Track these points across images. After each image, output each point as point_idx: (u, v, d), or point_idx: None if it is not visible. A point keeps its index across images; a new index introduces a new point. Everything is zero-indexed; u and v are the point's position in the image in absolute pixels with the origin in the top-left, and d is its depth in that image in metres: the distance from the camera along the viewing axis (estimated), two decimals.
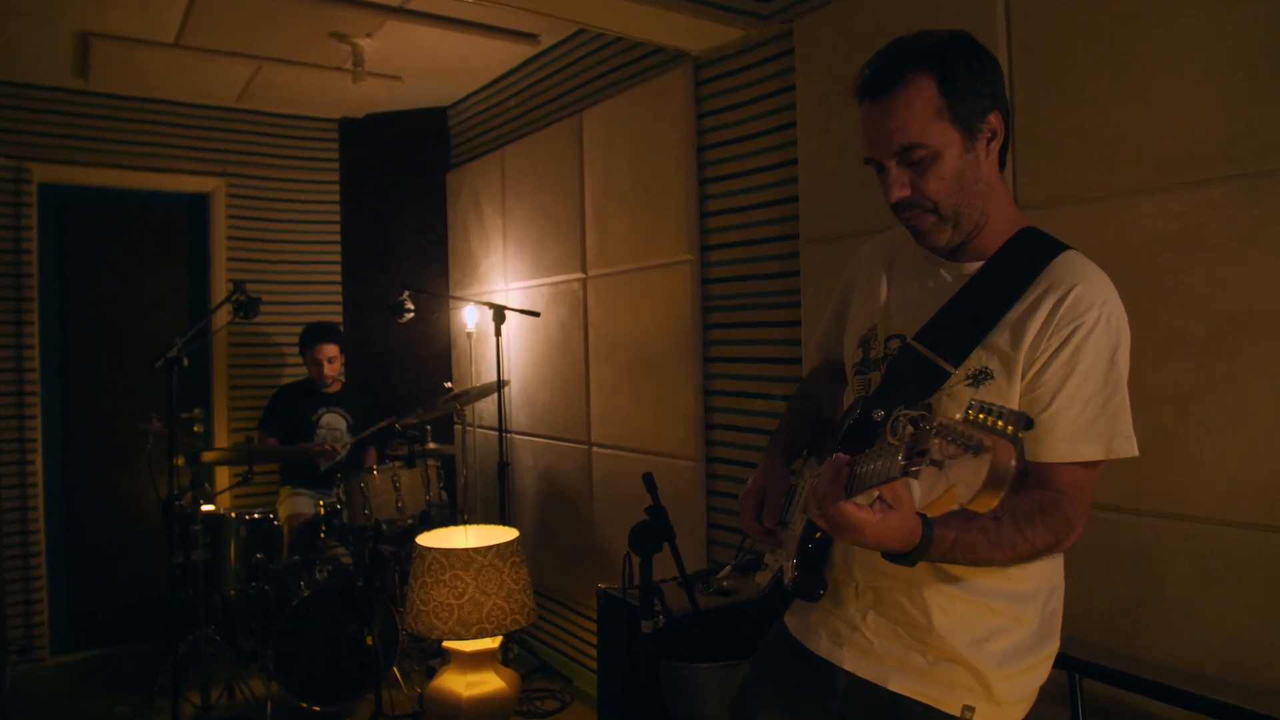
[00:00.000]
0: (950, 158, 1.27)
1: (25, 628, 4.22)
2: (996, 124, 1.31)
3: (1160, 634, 1.94)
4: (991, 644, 1.31)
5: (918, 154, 1.27)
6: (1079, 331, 1.24)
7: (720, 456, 3.14)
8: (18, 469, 4.19)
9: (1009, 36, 2.20)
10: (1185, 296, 1.88)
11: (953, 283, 1.37)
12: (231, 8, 3.37)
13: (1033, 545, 1.23)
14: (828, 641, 1.42)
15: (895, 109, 1.27)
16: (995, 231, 1.35)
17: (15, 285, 4.18)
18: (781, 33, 2.83)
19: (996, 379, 1.28)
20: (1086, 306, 1.24)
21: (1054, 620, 1.38)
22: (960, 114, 1.27)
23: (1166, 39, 1.90)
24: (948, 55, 1.27)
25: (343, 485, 3.70)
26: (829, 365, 1.70)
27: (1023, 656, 1.33)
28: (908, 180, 1.29)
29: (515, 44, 3.87)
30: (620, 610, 2.49)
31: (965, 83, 1.27)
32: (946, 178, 1.28)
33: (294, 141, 4.92)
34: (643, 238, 3.40)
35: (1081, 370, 1.24)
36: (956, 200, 1.30)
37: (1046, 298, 1.26)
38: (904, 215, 1.34)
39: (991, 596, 1.32)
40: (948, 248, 1.35)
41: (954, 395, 1.30)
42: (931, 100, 1.26)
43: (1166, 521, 1.92)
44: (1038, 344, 1.25)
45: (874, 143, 1.31)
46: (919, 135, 1.26)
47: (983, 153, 1.30)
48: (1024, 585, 1.33)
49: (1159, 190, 1.92)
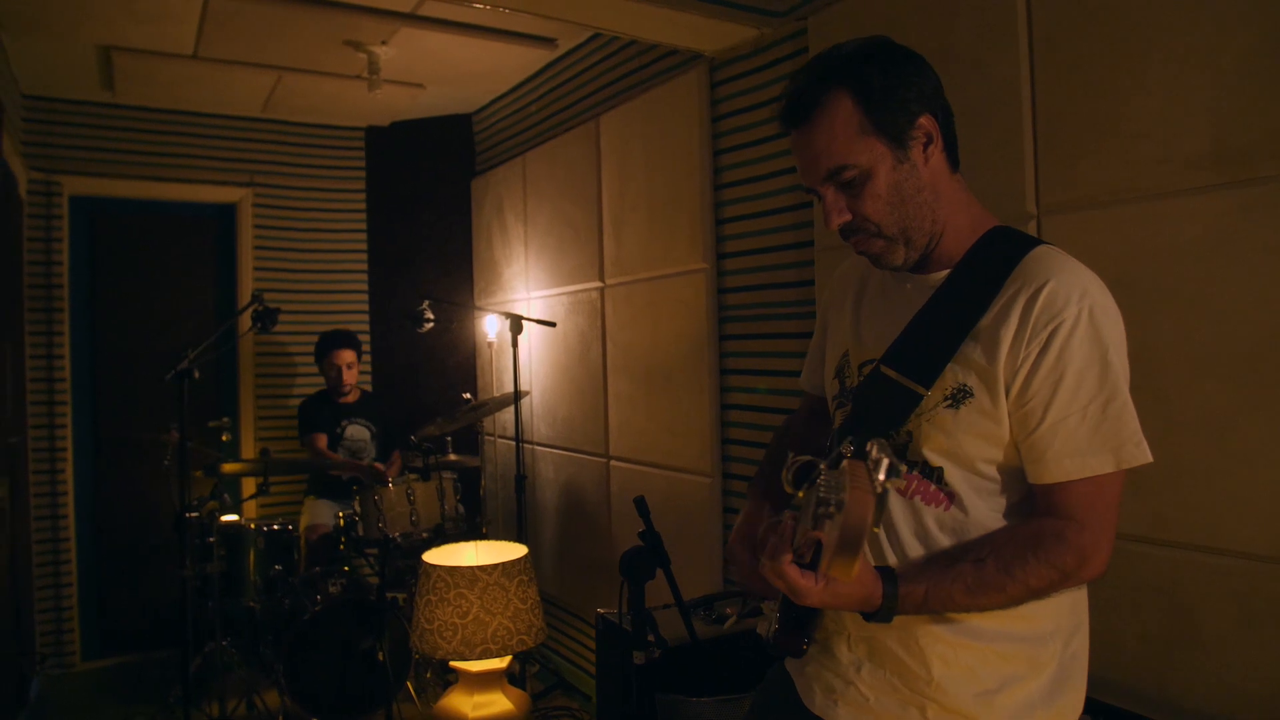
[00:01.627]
0: (883, 173, 1.18)
1: (56, 634, 4.28)
2: (930, 126, 1.20)
3: (1194, 677, 1.78)
4: (1002, 696, 1.18)
5: (847, 175, 1.18)
6: (1060, 331, 1.12)
7: (736, 473, 3.02)
8: (49, 477, 4.25)
9: (1029, 29, 2.05)
10: (1219, 310, 1.72)
11: (917, 296, 1.26)
12: (244, 18, 3.37)
13: (1027, 585, 1.10)
14: (822, 697, 1.30)
15: (817, 132, 1.18)
16: (957, 237, 1.24)
17: (46, 296, 4.24)
18: (796, 31, 2.71)
19: (977, 396, 1.16)
20: (1064, 303, 1.12)
21: (1075, 665, 1.23)
22: (884, 125, 1.17)
23: (1197, 29, 1.74)
24: (861, 67, 1.18)
25: (358, 498, 3.67)
26: (810, 402, 1.59)
27: (1035, 709, 1.19)
28: (845, 204, 1.20)
29: (533, 49, 3.81)
30: (619, 637, 2.39)
31: (884, 91, 1.17)
32: (883, 195, 1.19)
33: (320, 151, 4.93)
34: (659, 245, 3.30)
35: (1072, 374, 1.12)
36: (899, 216, 1.20)
37: (1017, 299, 1.15)
38: (851, 241, 1.25)
39: (1000, 641, 1.18)
40: (907, 266, 1.25)
41: (934, 420, 1.18)
42: (851, 117, 1.17)
43: (1201, 555, 1.76)
44: (1016, 352, 1.13)
45: (804, 170, 1.22)
46: (844, 156, 1.17)
47: (920, 160, 1.20)
48: (1038, 625, 1.19)
49: (1190, 193, 1.76)
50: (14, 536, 3.53)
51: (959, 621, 1.18)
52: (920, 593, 1.07)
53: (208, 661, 3.58)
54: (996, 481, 1.19)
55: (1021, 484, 1.19)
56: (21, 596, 3.77)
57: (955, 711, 1.18)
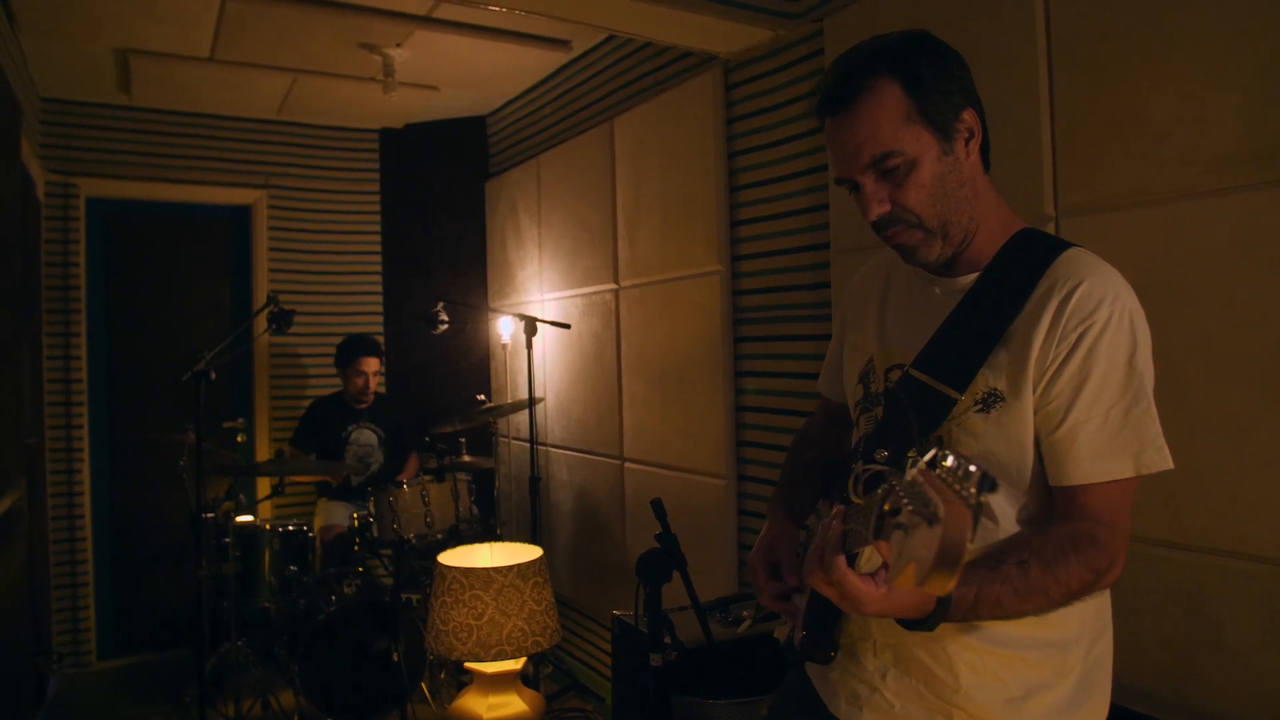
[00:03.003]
0: (928, 163, 1.16)
1: (73, 633, 4.30)
2: (972, 121, 1.19)
3: (1216, 683, 1.76)
4: (1029, 703, 1.17)
5: (892, 163, 1.15)
6: (1089, 334, 1.11)
7: (752, 475, 3.02)
8: (65, 478, 4.27)
9: (1048, 31, 2.04)
10: (1243, 313, 1.71)
11: (946, 299, 1.24)
12: (260, 22, 3.38)
13: (1068, 587, 1.09)
14: (846, 704, 1.29)
15: (861, 119, 1.15)
16: (988, 238, 1.23)
17: (63, 298, 4.27)
18: (811, 32, 2.70)
19: (1008, 400, 1.15)
20: (1095, 305, 1.11)
21: (1099, 670, 1.22)
22: (932, 115, 1.15)
23: (1219, 31, 1.73)
24: (909, 55, 1.16)
25: (373, 499, 3.67)
26: (827, 407, 1.58)
27: (1063, 715, 1.18)
28: (886, 194, 1.18)
29: (548, 51, 3.81)
30: (635, 639, 2.39)
31: (932, 81, 1.15)
32: (927, 185, 1.16)
33: (335, 152, 4.95)
34: (674, 247, 3.30)
35: (1097, 377, 1.11)
36: (941, 209, 1.18)
37: (1049, 301, 1.13)
38: (887, 234, 1.22)
39: (1027, 648, 1.17)
40: (939, 262, 1.23)
41: (965, 425, 1.17)
42: (899, 104, 1.14)
43: (1224, 560, 1.75)
44: (1045, 353, 1.13)
45: (843, 160, 1.19)
46: (891, 143, 1.14)
47: (962, 154, 1.19)
48: (1063, 631, 1.18)
49: (1213, 194, 1.75)
50: (32, 537, 3.55)
51: (986, 629, 1.17)
52: (970, 596, 1.05)
53: (223, 661, 3.60)
54: (1022, 487, 1.18)
55: (1043, 492, 1.18)
56: (39, 597, 3.80)
57: (982, 718, 1.17)
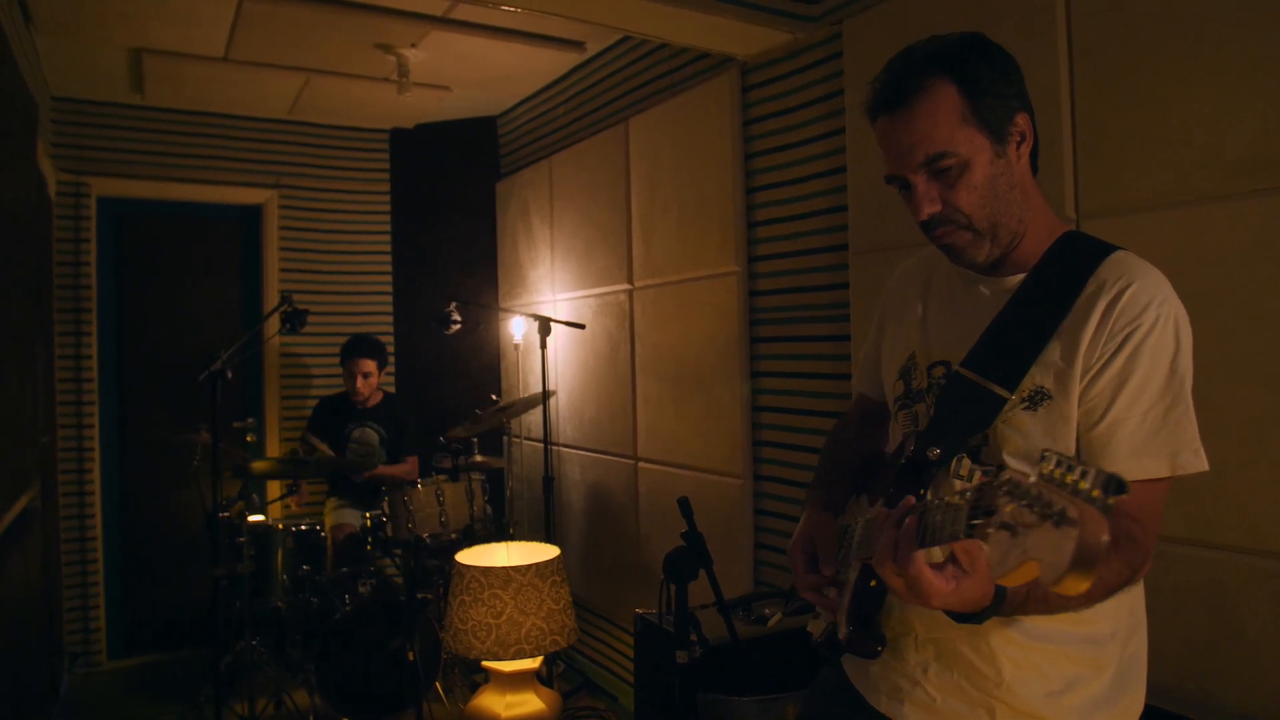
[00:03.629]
0: (981, 165, 1.17)
1: (83, 633, 4.31)
2: (1025, 125, 1.21)
3: (1237, 678, 1.79)
4: (1068, 697, 1.19)
5: (945, 163, 1.17)
6: (1136, 334, 1.13)
7: (768, 474, 3.04)
8: (76, 477, 4.28)
9: (1069, 36, 2.07)
10: (1262, 315, 1.73)
11: (994, 299, 1.26)
12: (276, 21, 3.39)
13: (1109, 584, 1.10)
14: (888, 699, 1.31)
15: (917, 118, 1.17)
16: (1035, 240, 1.24)
17: (74, 297, 4.27)
18: (830, 35, 2.73)
19: (1054, 398, 1.16)
20: (1143, 306, 1.13)
21: (1135, 666, 1.25)
22: (986, 118, 1.17)
23: (1239, 35, 1.75)
24: (967, 57, 1.17)
25: (387, 499, 3.68)
26: (864, 404, 1.60)
27: (1100, 709, 1.20)
28: (937, 194, 1.19)
29: (561, 52, 3.83)
30: (658, 637, 2.41)
31: (988, 84, 1.17)
32: (979, 187, 1.18)
33: (345, 152, 4.96)
34: (689, 248, 3.32)
35: (1139, 377, 1.13)
36: (991, 211, 1.19)
37: (1098, 301, 1.15)
38: (936, 233, 1.23)
39: (1067, 643, 1.20)
40: (987, 263, 1.24)
41: (1011, 422, 1.19)
42: (955, 105, 1.16)
43: (1245, 558, 1.77)
44: (1092, 352, 1.14)
45: (896, 158, 1.20)
46: (945, 143, 1.16)
47: (1014, 157, 1.20)
48: (1100, 627, 1.21)
49: (1232, 198, 1.78)
50: (45, 536, 3.56)
51: (1028, 624, 1.19)
52: (1023, 591, 1.06)
53: (237, 660, 3.60)
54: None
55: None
56: (52, 596, 3.80)
57: (1024, 713, 1.19)
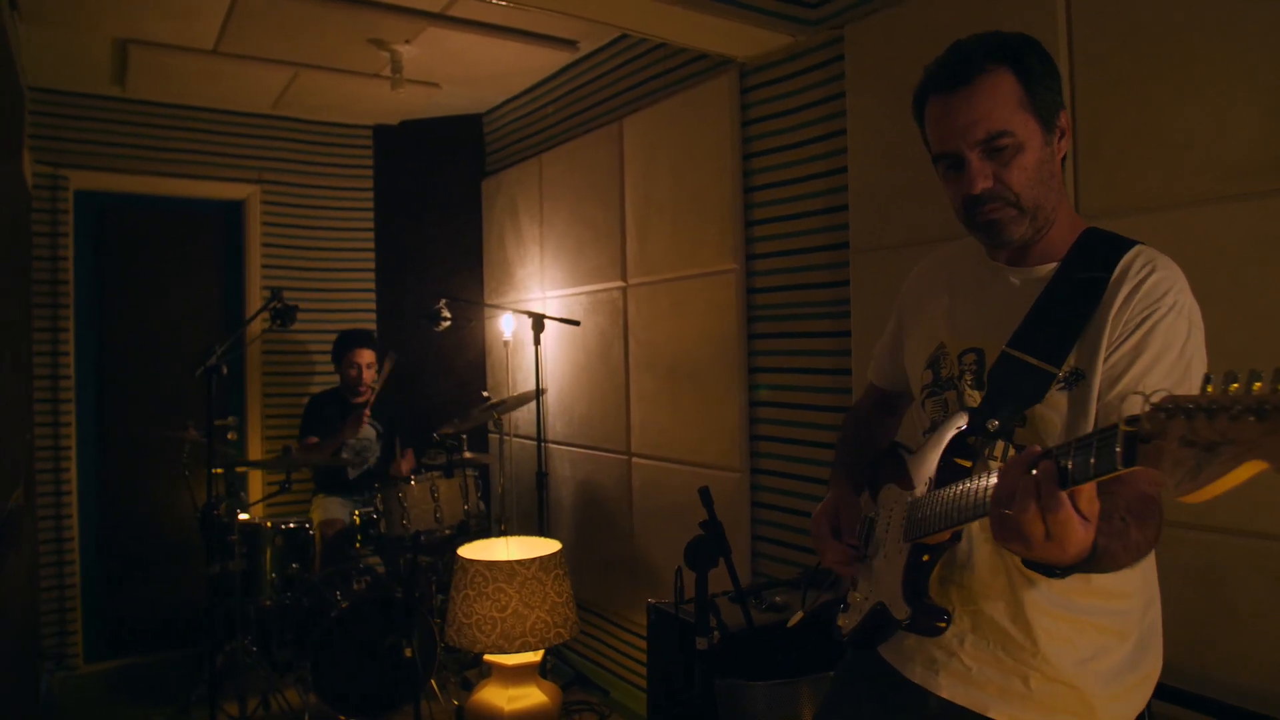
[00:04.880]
0: (1033, 149, 1.26)
1: (59, 635, 4.22)
2: (1065, 122, 1.30)
3: (1231, 654, 1.88)
4: (1097, 663, 1.27)
5: (1003, 142, 1.24)
6: (1153, 316, 1.21)
7: (765, 468, 3.10)
8: (53, 476, 4.19)
9: (1070, 42, 2.16)
10: (1257, 312, 1.82)
11: (1024, 287, 1.33)
12: (271, 15, 3.37)
13: (1149, 541, 1.16)
14: (923, 669, 1.37)
15: (978, 97, 1.24)
16: (1061, 232, 1.33)
17: (52, 292, 4.19)
18: (831, 39, 2.80)
19: (1086, 378, 1.24)
20: (1162, 293, 1.22)
21: (1153, 633, 1.33)
22: (1040, 107, 1.26)
23: (1235, 43, 1.85)
24: (1023, 50, 1.26)
25: (380, 495, 3.68)
26: (877, 394, 1.69)
27: (1124, 676, 1.28)
28: (991, 171, 1.26)
29: (553, 50, 3.85)
30: (671, 626, 2.45)
31: (1042, 77, 1.26)
32: (1030, 168, 1.26)
33: (328, 148, 4.93)
34: (686, 246, 3.37)
35: (1151, 353, 1.20)
36: (1037, 193, 1.27)
37: (1122, 288, 1.24)
38: (983, 209, 1.28)
39: (1094, 614, 1.28)
40: (1020, 243, 1.32)
41: (1050, 402, 1.26)
42: (1015, 90, 1.24)
43: (1240, 539, 1.87)
44: (1114, 331, 1.23)
45: (952, 134, 1.27)
46: (1005, 123, 1.23)
47: (1057, 149, 1.30)
48: (1125, 601, 1.29)
49: (1228, 200, 1.87)
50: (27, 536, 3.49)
51: (1062, 596, 1.26)
52: (1103, 543, 1.07)
53: (229, 660, 3.57)
54: None
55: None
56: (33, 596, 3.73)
57: (1057, 680, 1.26)
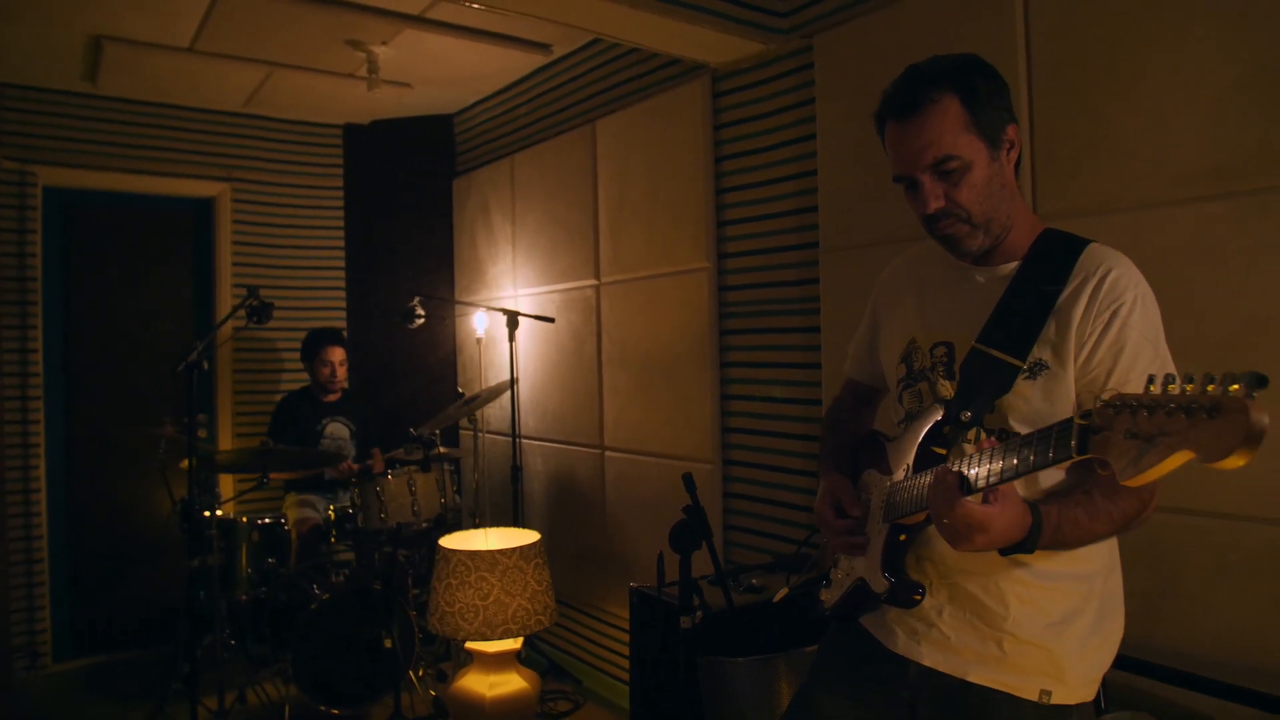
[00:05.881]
0: (979, 167, 1.37)
1: (28, 634, 4.19)
2: (1014, 136, 1.41)
3: (1176, 624, 2.03)
4: (1064, 626, 1.39)
5: (950, 165, 1.35)
6: (1120, 311, 1.32)
7: (737, 459, 3.22)
8: (21, 473, 4.16)
9: (1028, 57, 2.30)
10: (1200, 306, 1.98)
11: (989, 285, 1.45)
12: (250, 13, 3.41)
13: (1125, 513, 1.29)
14: (905, 639, 1.48)
15: (926, 126, 1.35)
16: (1020, 234, 1.44)
17: (20, 289, 4.16)
18: (801, 48, 2.92)
19: (1051, 368, 1.35)
20: (1124, 288, 1.34)
21: (1114, 600, 1.46)
22: (985, 127, 1.36)
23: (1180, 61, 2.01)
24: (969, 74, 1.37)
25: (356, 490, 3.72)
26: (854, 388, 1.80)
27: (1090, 636, 1.41)
28: (942, 192, 1.37)
29: (527, 53, 3.93)
30: (654, 608, 2.55)
31: (986, 98, 1.37)
32: (978, 186, 1.37)
33: (298, 147, 4.95)
34: (659, 246, 3.47)
35: (1131, 346, 1.32)
36: (987, 207, 1.39)
37: (1085, 285, 1.35)
38: (939, 225, 1.41)
39: (1062, 580, 1.39)
40: (979, 252, 1.44)
41: (1017, 390, 1.37)
42: (959, 116, 1.35)
43: (1182, 517, 2.01)
44: (1083, 327, 1.34)
45: (906, 159, 1.39)
46: (951, 148, 1.35)
47: (1005, 162, 1.40)
48: (1087, 566, 1.41)
49: (1173, 204, 2.03)
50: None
51: (1030, 565, 1.38)
52: (1055, 516, 1.25)
53: (208, 654, 3.58)
54: None
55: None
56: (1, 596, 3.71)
57: (1029, 642, 1.39)
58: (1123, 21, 2.11)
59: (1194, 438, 0.92)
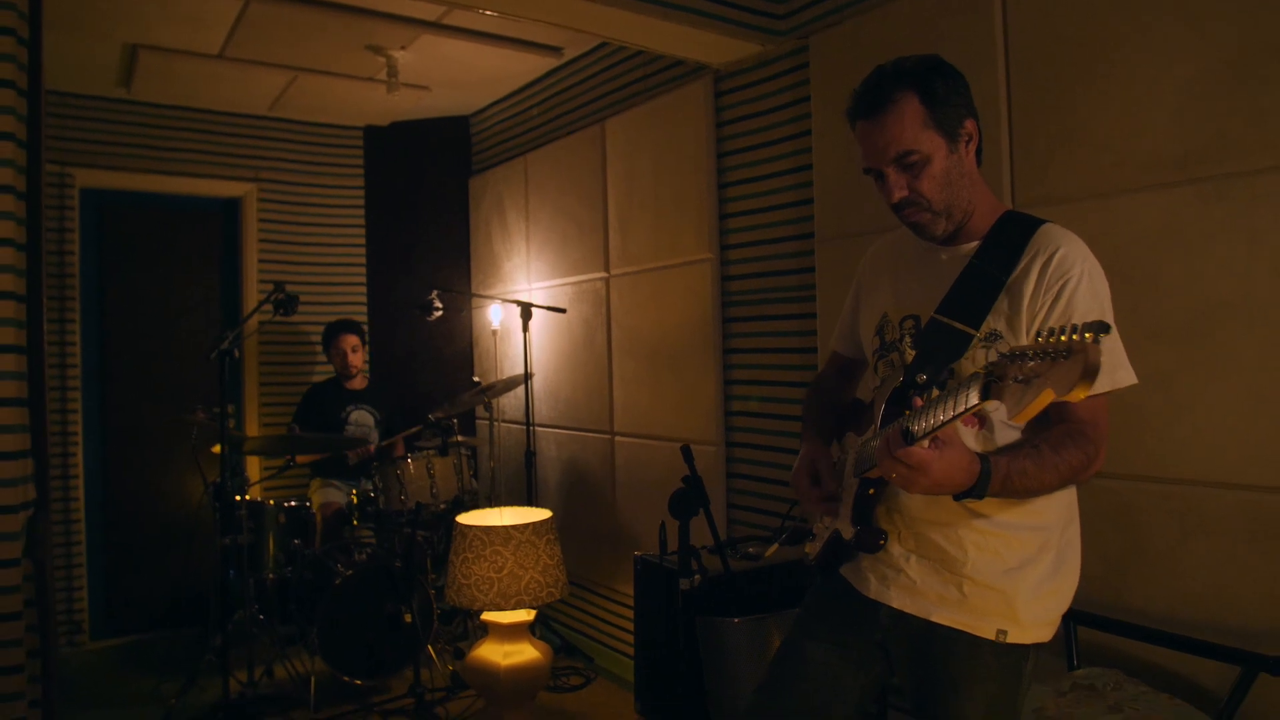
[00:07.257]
0: (938, 160, 1.51)
1: (67, 613, 4.40)
2: (972, 129, 1.55)
3: (1143, 585, 2.16)
4: (1020, 572, 1.52)
5: (911, 159, 1.50)
6: (1068, 285, 1.45)
7: (739, 441, 3.37)
8: (60, 461, 4.37)
9: (1006, 53, 2.44)
10: (1165, 287, 2.11)
11: (951, 263, 1.59)
12: (276, 22, 3.60)
13: (1071, 464, 1.41)
14: (876, 584, 1.63)
15: (888, 124, 1.50)
16: (982, 217, 1.59)
17: (59, 286, 4.37)
18: (797, 48, 3.08)
19: (1004, 338, 1.49)
20: (1071, 264, 1.47)
21: (1070, 551, 1.58)
22: (942, 123, 1.51)
23: (1146, 58, 2.14)
24: (928, 75, 1.51)
25: (378, 474, 3.91)
26: (839, 362, 1.95)
27: (1044, 583, 1.53)
28: (905, 183, 1.53)
29: (539, 56, 4.11)
30: (656, 574, 2.72)
31: (944, 96, 1.51)
32: (937, 177, 1.52)
33: (321, 148, 5.15)
34: (665, 238, 3.64)
35: (1078, 318, 1.43)
36: (947, 195, 1.54)
37: (1035, 262, 1.49)
38: (904, 213, 1.57)
39: (1018, 529, 1.52)
40: (943, 235, 1.59)
41: (972, 358, 1.51)
42: (918, 113, 1.50)
43: (1147, 484, 2.15)
44: (1035, 301, 1.47)
45: (872, 154, 1.55)
46: (911, 144, 1.50)
47: (964, 153, 1.55)
48: (1044, 518, 1.54)
49: (1141, 190, 2.16)
50: None
51: (990, 516, 1.52)
52: (1004, 465, 1.37)
53: (238, 630, 3.77)
54: None
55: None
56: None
57: (987, 586, 1.52)
58: (1094, 20, 2.25)
59: (1053, 377, 1.08)
